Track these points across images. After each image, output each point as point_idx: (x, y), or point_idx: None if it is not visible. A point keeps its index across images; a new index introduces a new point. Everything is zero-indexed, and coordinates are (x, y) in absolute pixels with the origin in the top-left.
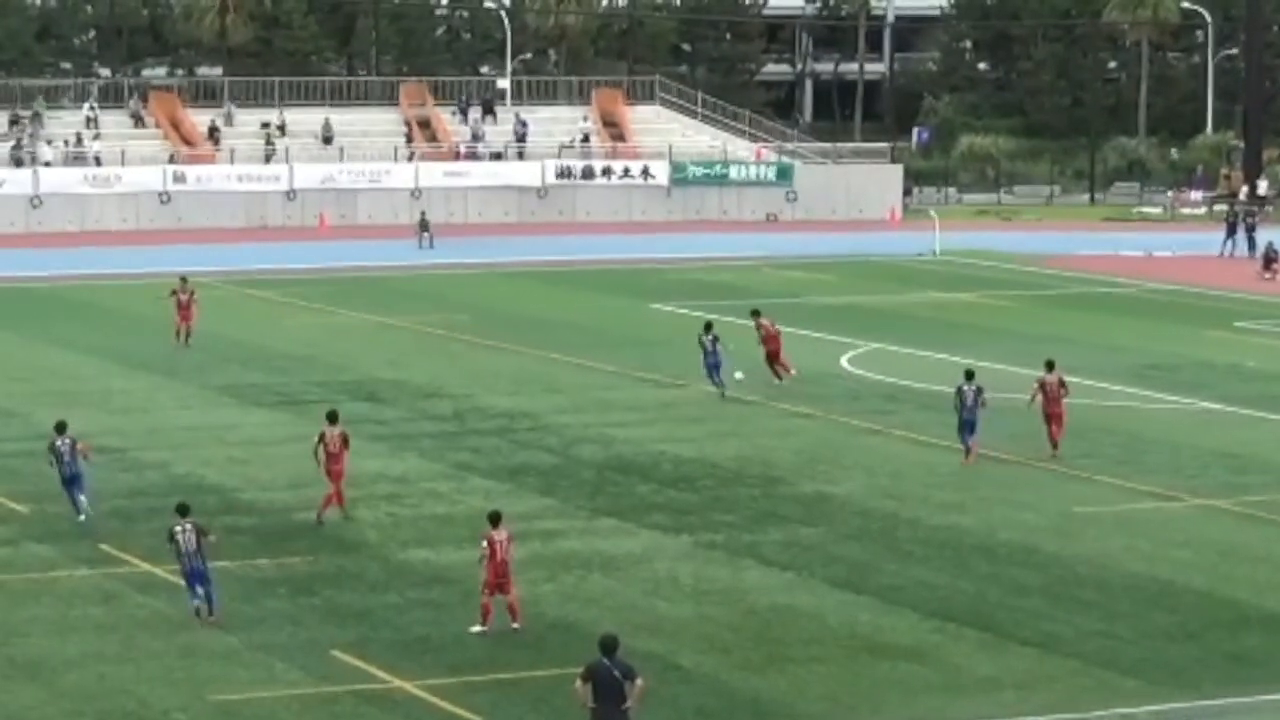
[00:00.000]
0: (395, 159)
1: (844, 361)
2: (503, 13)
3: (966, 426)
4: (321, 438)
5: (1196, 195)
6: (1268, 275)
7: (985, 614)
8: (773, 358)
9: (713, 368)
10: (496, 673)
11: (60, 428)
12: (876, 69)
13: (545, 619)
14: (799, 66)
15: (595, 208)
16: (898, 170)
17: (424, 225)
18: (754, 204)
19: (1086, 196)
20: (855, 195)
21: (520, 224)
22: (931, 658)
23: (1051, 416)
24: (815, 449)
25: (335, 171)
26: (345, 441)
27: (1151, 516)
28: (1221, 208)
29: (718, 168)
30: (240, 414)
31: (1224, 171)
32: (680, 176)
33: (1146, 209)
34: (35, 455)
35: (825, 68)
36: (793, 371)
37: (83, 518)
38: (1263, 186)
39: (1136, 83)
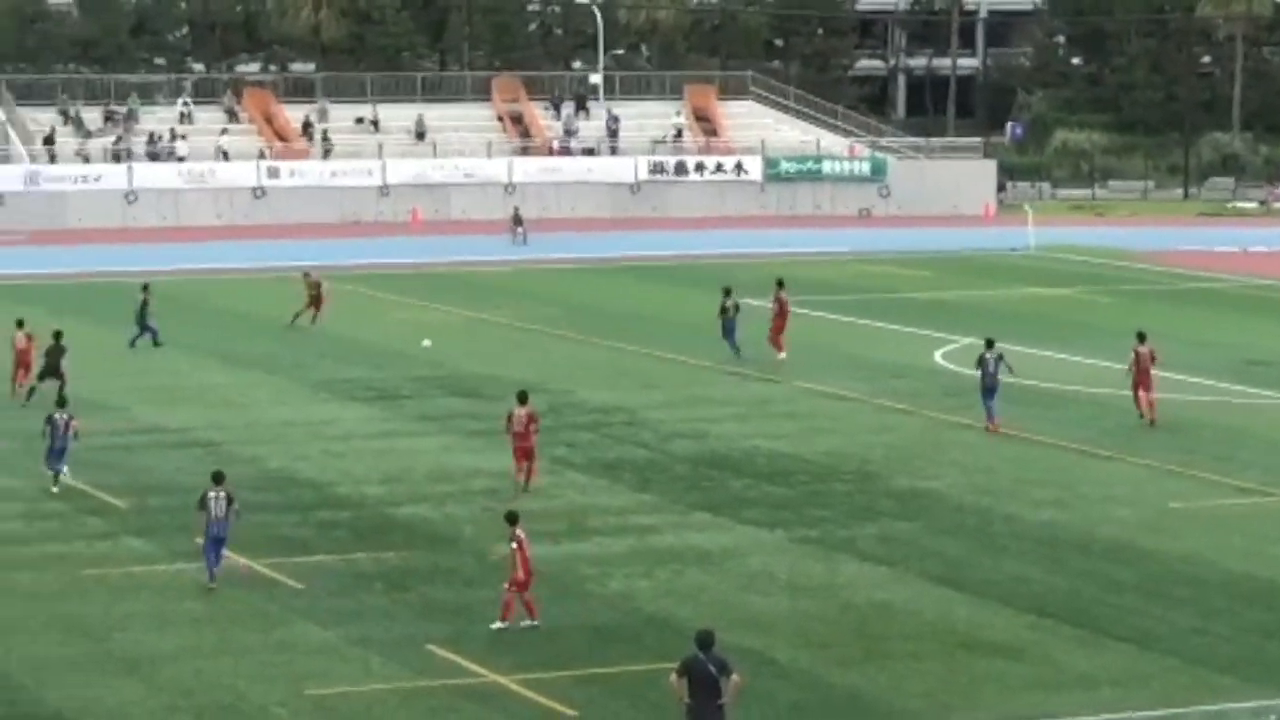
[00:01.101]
0: (488, 154)
1: (938, 357)
2: (595, 8)
3: (988, 393)
4: (509, 417)
5: None
6: None
7: (1081, 610)
8: (775, 332)
9: (729, 332)
10: (592, 667)
11: (61, 403)
12: (970, 64)
13: (641, 614)
14: (892, 62)
15: (688, 203)
16: (991, 165)
17: (517, 220)
18: (847, 199)
19: (1180, 192)
20: (949, 190)
21: (613, 219)
22: (1028, 654)
23: (1140, 385)
24: (910, 444)
25: (428, 167)
26: (532, 420)
27: (1248, 513)
28: None
29: (811, 163)
30: (336, 409)
31: None
32: (773, 172)
33: (1241, 204)
34: (134, 449)
35: (918, 63)
36: (782, 355)
37: (56, 489)
38: None
39: (1231, 77)
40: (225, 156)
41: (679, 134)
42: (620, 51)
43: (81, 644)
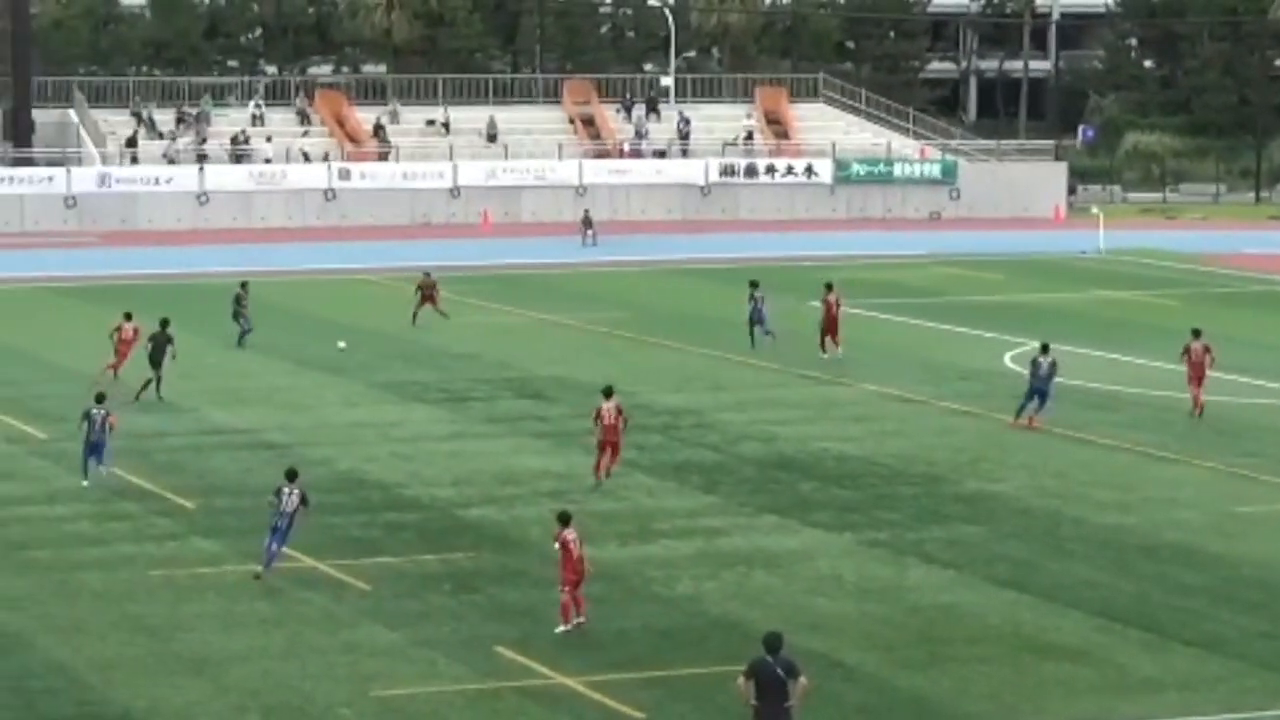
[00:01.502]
0: (559, 156)
1: (1007, 360)
2: (667, 10)
3: (1036, 395)
4: (598, 412)
5: None
6: None
7: (1148, 614)
8: (828, 330)
9: (755, 322)
10: (659, 669)
11: (99, 398)
12: (1041, 67)
13: (708, 616)
14: (963, 64)
15: (758, 206)
16: (1062, 168)
17: (587, 223)
18: (918, 202)
19: (1252, 195)
20: (1019, 193)
21: (684, 222)
22: (1095, 658)
23: (1193, 379)
24: (978, 447)
25: (499, 169)
26: (620, 413)
27: None
28: None
29: (881, 166)
30: (404, 411)
31: None
32: (844, 174)
33: None
34: (202, 450)
35: (990, 65)
36: (826, 355)
37: (86, 483)
38: None
39: None
40: (305, 158)
41: (749, 136)
42: (691, 54)
43: (148, 644)
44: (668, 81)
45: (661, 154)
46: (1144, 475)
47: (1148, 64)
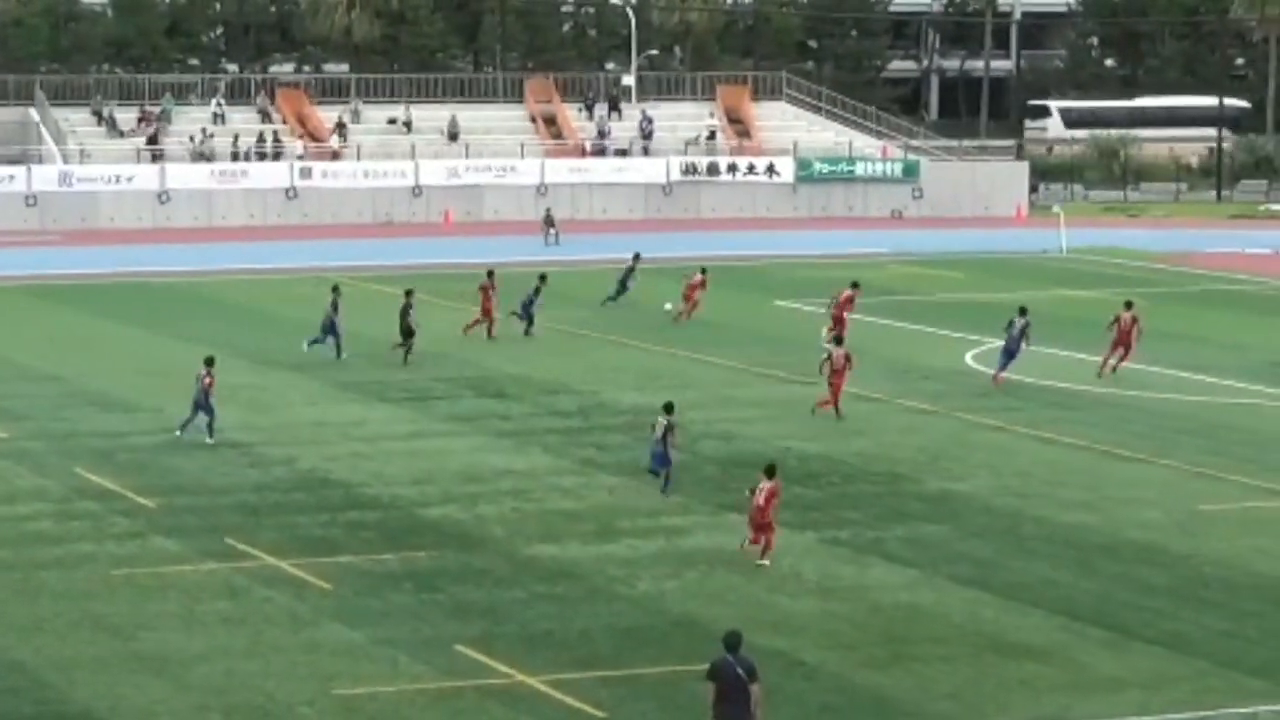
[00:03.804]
0: (521, 155)
1: (969, 359)
2: (628, 9)
3: (1006, 354)
4: (829, 356)
5: None
6: None
7: (1111, 613)
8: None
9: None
10: (620, 668)
11: (208, 361)
12: (1003, 66)
13: (669, 615)
14: (925, 63)
15: (720, 204)
16: (1024, 167)
17: (549, 221)
18: (879, 201)
19: (1213, 194)
20: (981, 192)
21: (645, 220)
22: (1057, 657)
23: (1117, 344)
24: (940, 446)
25: (461, 167)
26: (848, 359)
27: (1278, 515)
28: None
29: (843, 164)
30: (366, 410)
31: None
32: (806, 173)
33: (1274, 206)
34: (163, 449)
35: (951, 64)
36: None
37: (178, 433)
38: None
39: (1264, 79)
40: (260, 157)
41: (712, 135)
42: (653, 52)
43: (109, 643)
44: (629, 80)
45: (623, 153)
46: (1106, 474)
47: (1109, 63)
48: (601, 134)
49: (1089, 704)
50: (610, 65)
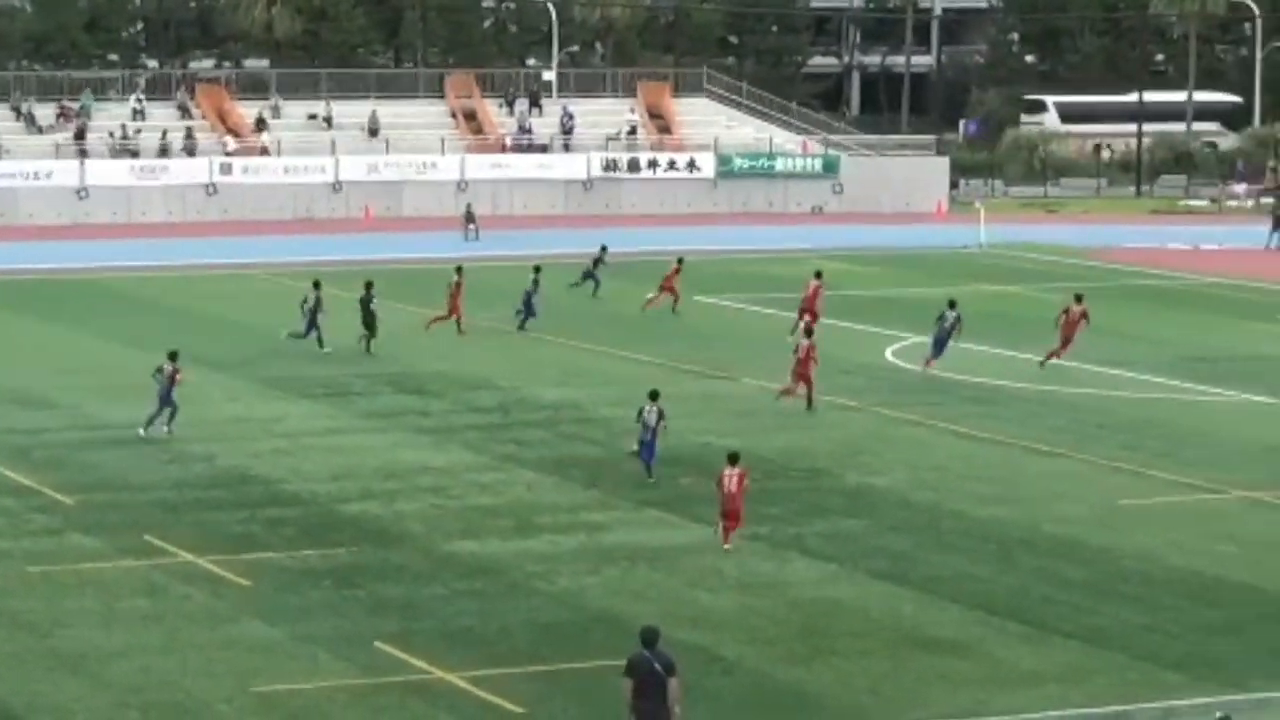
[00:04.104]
0: (441, 151)
1: (888, 354)
2: (550, 5)
3: (937, 344)
4: (796, 349)
5: (1240, 188)
6: None
7: (1029, 607)
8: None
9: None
10: (540, 664)
11: (172, 355)
12: (924, 61)
13: (589, 611)
14: (846, 59)
15: (641, 200)
16: (944, 163)
17: (470, 217)
18: (800, 196)
19: (1133, 189)
20: (901, 188)
21: (566, 216)
22: (975, 651)
23: (1065, 339)
24: (859, 441)
25: (381, 163)
26: (811, 351)
27: (1196, 509)
28: (1269, 201)
29: (764, 160)
30: (286, 406)
31: (1270, 165)
32: (726, 169)
33: (1193, 201)
34: (81, 446)
35: (872, 60)
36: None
37: (141, 431)
38: None
39: (1184, 75)
40: (181, 153)
41: (632, 131)
42: (574, 48)
43: (26, 640)
44: (550, 76)
45: (544, 148)
46: (1025, 468)
47: (1029, 59)
48: (522, 130)
49: (1007, 698)
50: (531, 61)
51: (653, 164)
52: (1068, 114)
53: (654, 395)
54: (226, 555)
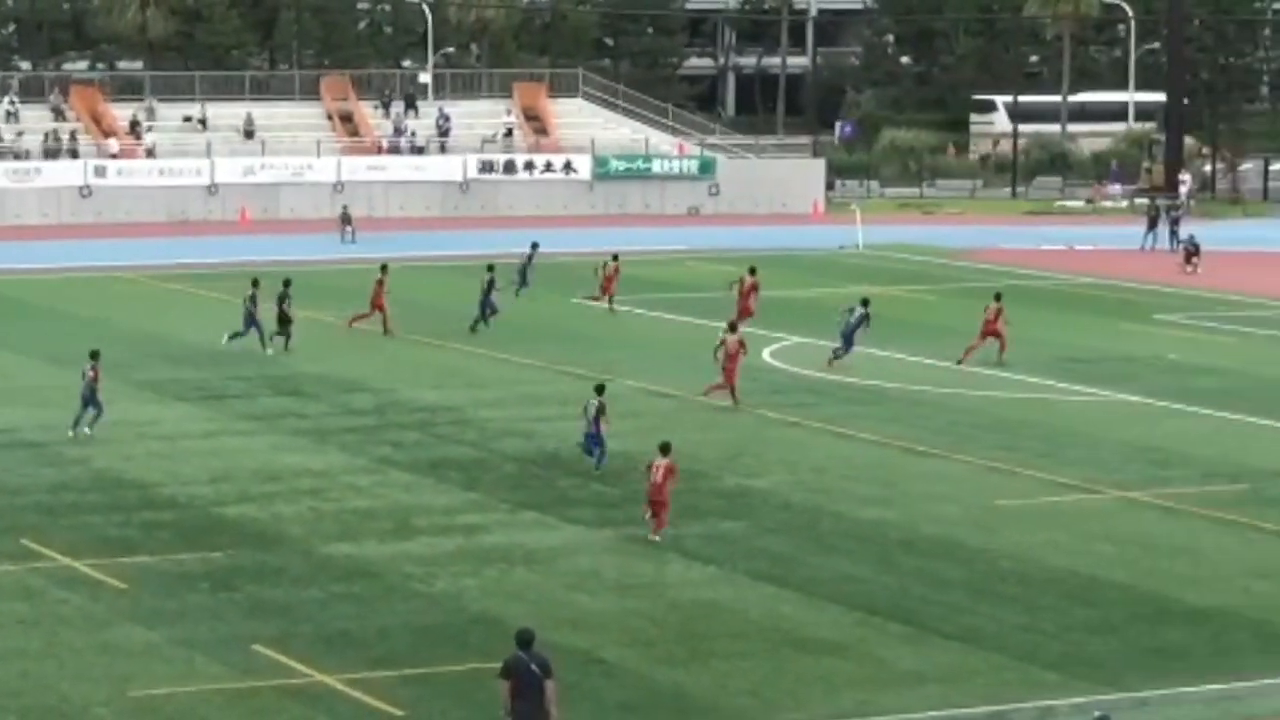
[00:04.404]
0: (317, 153)
1: (766, 355)
2: (425, 6)
3: (845, 340)
4: (722, 342)
5: (1115, 189)
6: (1189, 269)
7: (908, 608)
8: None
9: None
10: (418, 667)
11: (93, 355)
12: (799, 63)
13: (467, 613)
14: (721, 60)
15: (518, 202)
16: (820, 164)
17: (346, 219)
18: (676, 198)
19: (1008, 190)
20: (778, 189)
21: (442, 218)
22: (855, 652)
23: (988, 334)
24: (738, 443)
25: (257, 165)
26: (742, 345)
27: (1073, 510)
28: (1143, 201)
29: (640, 162)
30: (162, 409)
31: (1145, 165)
32: (603, 171)
33: (1068, 202)
34: None
35: (748, 62)
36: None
37: (70, 434)
38: (1184, 180)
39: (1058, 76)
40: (54, 155)
41: (509, 132)
42: (450, 50)
43: None
44: (426, 78)
45: (420, 150)
46: (903, 469)
47: (904, 60)
48: (398, 131)
49: (887, 699)
50: (407, 63)
51: (529, 166)
52: (1016, 114)
53: (600, 389)
54: (104, 559)
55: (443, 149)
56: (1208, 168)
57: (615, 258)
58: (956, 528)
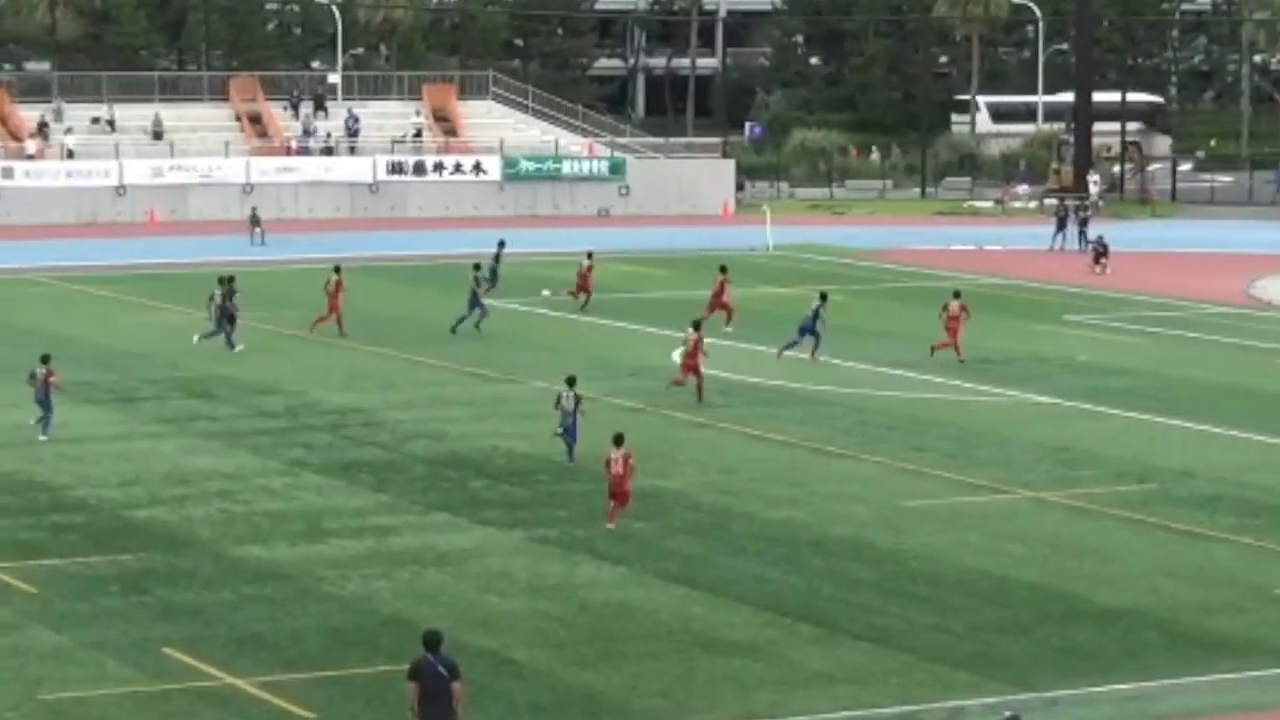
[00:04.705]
0: (226, 154)
1: (676, 356)
2: (334, 7)
3: (802, 331)
4: (685, 340)
5: (1023, 189)
6: (1098, 269)
7: (819, 609)
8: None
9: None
10: (330, 669)
11: (44, 359)
12: (709, 64)
13: (379, 615)
14: (631, 61)
15: (427, 203)
16: (730, 165)
17: (255, 221)
18: (586, 199)
19: (918, 191)
20: (688, 190)
21: (352, 219)
22: (765, 653)
23: (949, 332)
24: (648, 444)
25: (165, 167)
26: (699, 345)
27: (983, 510)
28: (1052, 202)
29: (550, 163)
30: (71, 411)
31: (1054, 166)
32: (512, 172)
33: (977, 203)
34: None
35: (657, 63)
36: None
37: (43, 438)
38: (1093, 180)
39: (967, 78)
40: None
41: (418, 133)
42: (359, 51)
43: None
44: (335, 79)
45: (329, 151)
46: (813, 470)
47: (814, 61)
48: (307, 132)
49: (798, 699)
50: (316, 64)
51: (439, 167)
52: (999, 113)
53: (571, 382)
54: (12, 562)
55: (352, 150)
56: (1116, 168)
57: (590, 255)
58: (867, 528)
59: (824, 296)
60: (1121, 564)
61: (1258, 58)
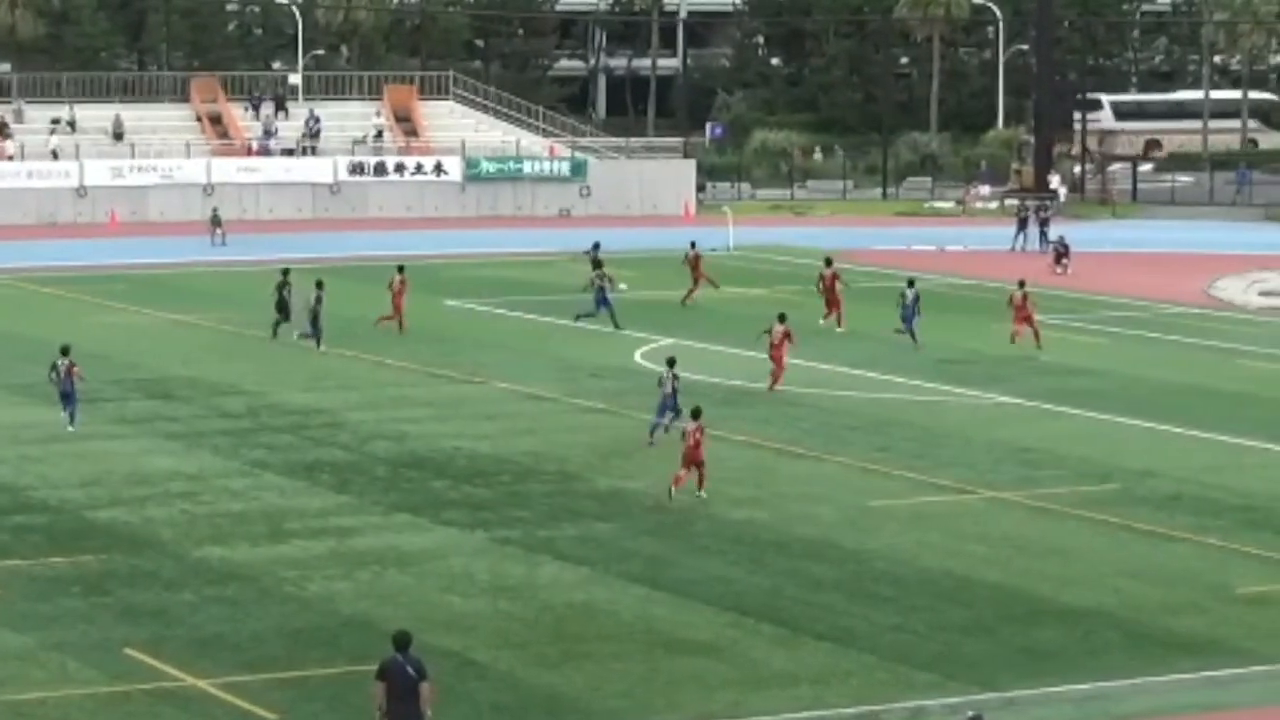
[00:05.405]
0: (187, 155)
1: (638, 357)
2: (294, 8)
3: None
4: (770, 331)
5: (984, 190)
6: (1059, 269)
7: (781, 609)
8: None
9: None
10: (292, 670)
11: (64, 350)
12: (670, 65)
13: (341, 616)
14: (592, 62)
15: (388, 204)
16: (691, 165)
17: (216, 222)
18: (548, 199)
19: (879, 192)
20: (649, 191)
21: (313, 220)
22: (728, 653)
23: (1020, 319)
24: (610, 444)
25: (126, 168)
26: (788, 335)
27: (946, 510)
28: (1013, 202)
29: (511, 164)
30: (32, 412)
31: (1015, 166)
32: (474, 172)
33: (938, 204)
34: None
35: (619, 63)
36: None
37: (71, 429)
38: (1054, 181)
39: (928, 78)
40: None
41: (379, 134)
42: (320, 52)
43: None
44: (296, 79)
45: (290, 152)
46: (777, 471)
47: (775, 62)
48: (268, 133)
49: (760, 700)
50: (277, 64)
51: (400, 168)
52: (1122, 112)
53: (671, 362)
54: None
55: (313, 151)
56: (1077, 169)
57: (693, 244)
58: (830, 529)
59: (911, 283)
60: (1084, 564)
61: (1218, 58)
